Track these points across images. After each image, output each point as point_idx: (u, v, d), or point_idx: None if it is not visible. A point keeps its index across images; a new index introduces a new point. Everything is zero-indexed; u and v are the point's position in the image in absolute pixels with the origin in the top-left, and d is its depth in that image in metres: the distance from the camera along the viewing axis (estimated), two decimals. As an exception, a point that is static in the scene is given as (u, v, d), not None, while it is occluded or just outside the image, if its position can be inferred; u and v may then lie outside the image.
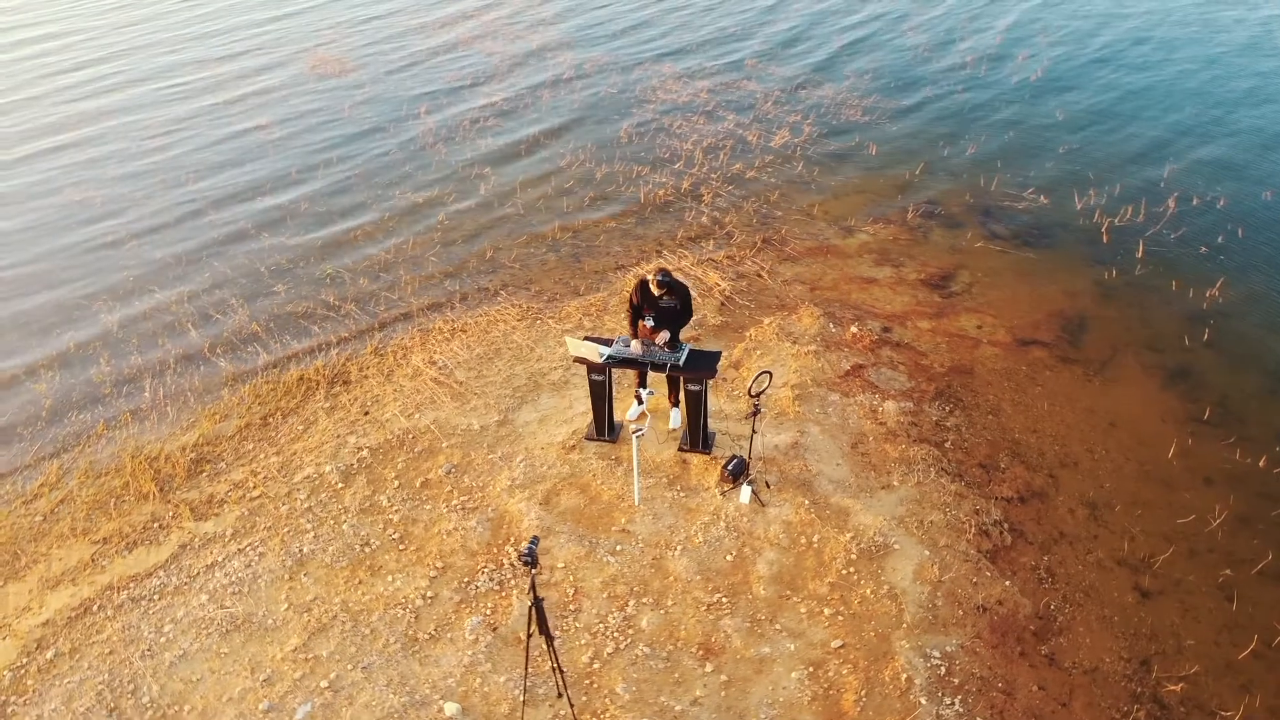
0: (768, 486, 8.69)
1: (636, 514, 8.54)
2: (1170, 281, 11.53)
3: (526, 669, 6.57)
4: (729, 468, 8.73)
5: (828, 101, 16.28)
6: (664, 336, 8.70)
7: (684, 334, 10.48)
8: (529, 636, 6.30)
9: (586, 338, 9.15)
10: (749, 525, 8.38)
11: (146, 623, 7.78)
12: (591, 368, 8.93)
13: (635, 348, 8.72)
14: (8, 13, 23.61)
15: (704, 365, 8.76)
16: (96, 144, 16.01)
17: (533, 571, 5.98)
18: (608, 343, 8.92)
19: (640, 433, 8.38)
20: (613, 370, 8.95)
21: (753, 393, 8.24)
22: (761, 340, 10.69)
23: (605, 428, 9.28)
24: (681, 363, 8.67)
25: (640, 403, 9.65)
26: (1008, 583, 7.92)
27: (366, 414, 9.94)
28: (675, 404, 9.57)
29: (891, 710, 6.87)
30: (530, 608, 6.13)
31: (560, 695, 6.98)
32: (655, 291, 8.68)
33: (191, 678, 7.32)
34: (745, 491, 8.58)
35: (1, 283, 12.60)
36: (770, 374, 8.44)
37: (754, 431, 8.62)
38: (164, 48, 20.22)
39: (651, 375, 8.98)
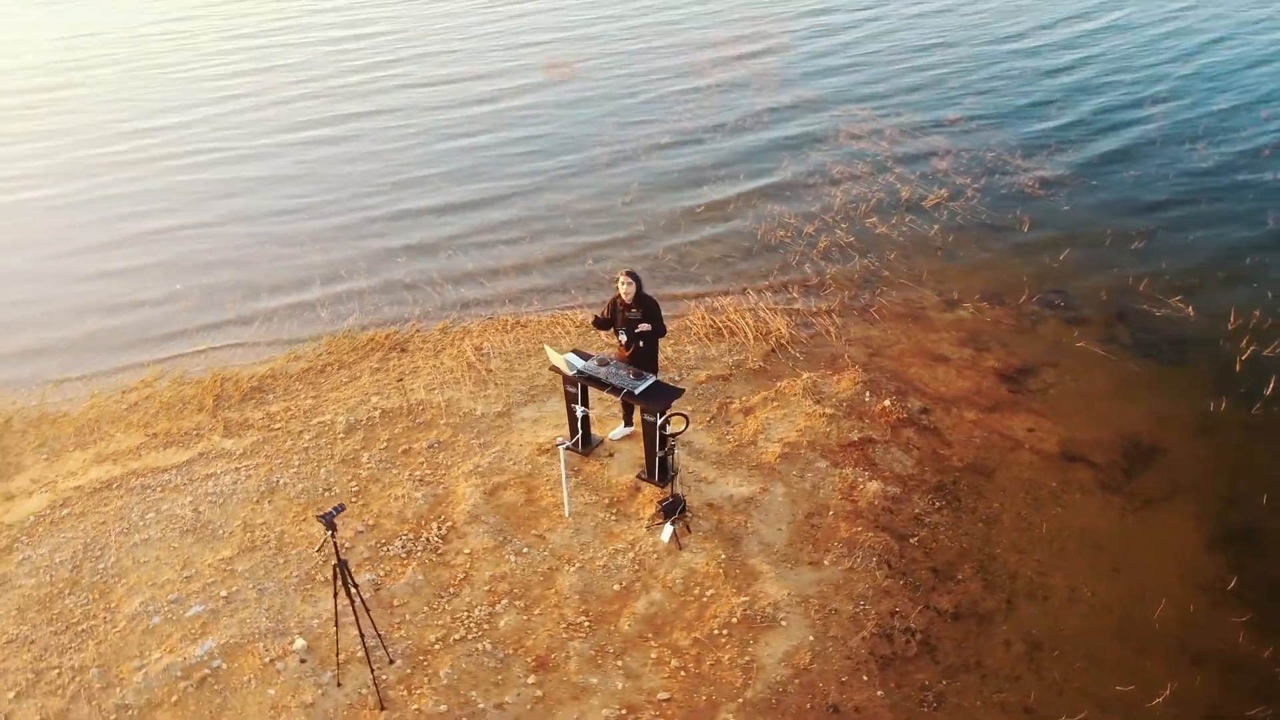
0: (688, 531, 8.64)
1: (561, 524, 8.83)
2: (1288, 429, 9.86)
3: (337, 627, 7.17)
4: (663, 504, 8.77)
5: (1010, 169, 15.26)
6: (632, 375, 8.88)
7: (712, 370, 10.58)
8: (335, 595, 6.89)
9: (574, 350, 9.54)
10: (654, 563, 8.41)
11: (138, 507, 9.25)
12: (566, 379, 9.32)
13: (595, 369, 8.99)
14: (340, 11, 27.47)
15: (661, 398, 8.85)
16: (341, 139, 17.95)
17: (329, 534, 6.56)
18: (588, 358, 9.27)
19: (565, 445, 8.68)
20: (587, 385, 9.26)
21: (665, 430, 8.25)
22: (785, 393, 10.48)
23: (579, 439, 9.61)
24: (638, 391, 8.82)
25: (628, 424, 9.91)
26: (880, 693, 7.38)
27: (400, 381, 10.96)
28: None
29: (670, 774, 6.74)
30: (334, 567, 6.72)
31: (391, 662, 7.52)
32: (623, 294, 8.89)
33: (140, 560, 8.64)
34: (667, 530, 8.60)
35: (212, 230, 15.06)
36: (687, 419, 8.39)
37: (674, 472, 8.61)
38: (447, 54, 22.47)
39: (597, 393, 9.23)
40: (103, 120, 19.00)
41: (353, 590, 6.84)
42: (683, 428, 8.38)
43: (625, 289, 9.01)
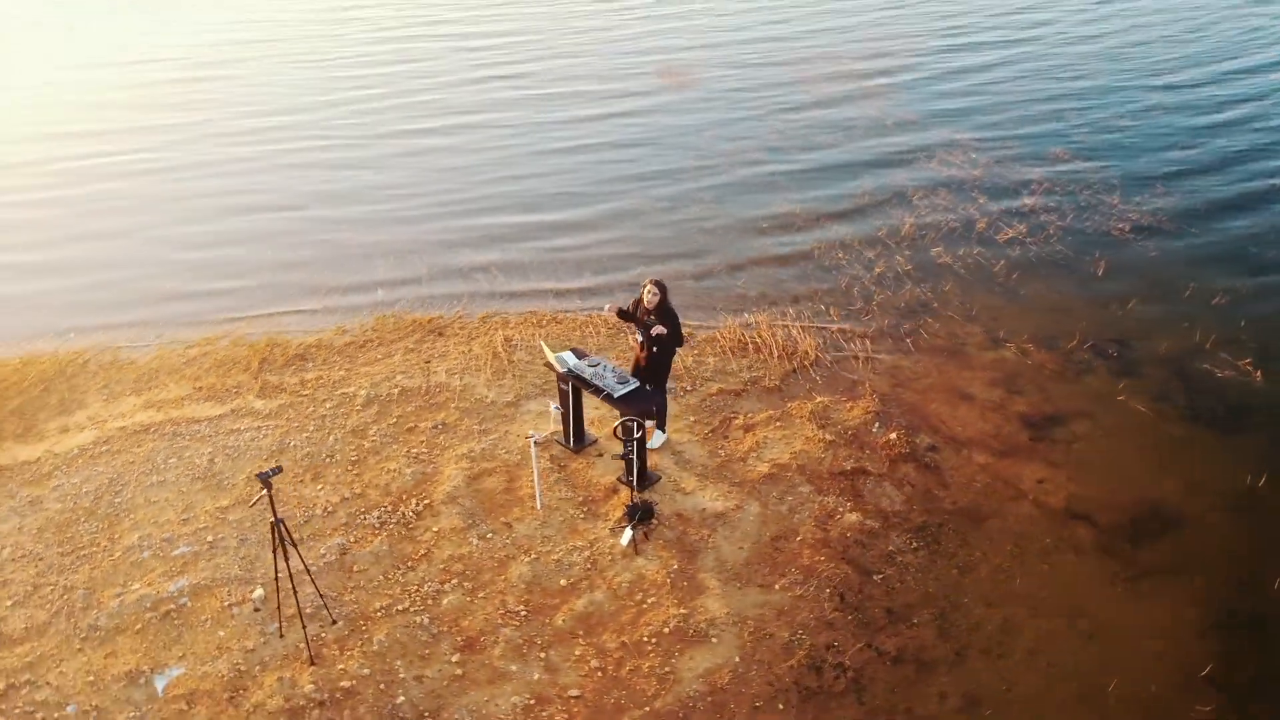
0: (645, 538, 8.71)
1: (530, 516, 9.07)
2: (1335, 514, 8.99)
3: (277, 580, 7.64)
4: (629, 508, 8.87)
5: (1103, 210, 14.45)
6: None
7: (726, 384, 10.61)
8: (274, 551, 7.36)
9: (572, 349, 9.77)
10: (607, 563, 8.53)
11: (165, 452, 10.09)
12: (558, 376, 9.55)
13: (583, 368, 9.19)
14: (487, 16, 28.60)
15: (639, 404, 8.95)
16: (447, 141, 18.39)
17: (265, 492, 7.01)
18: (584, 356, 9.49)
19: (536, 438, 8.91)
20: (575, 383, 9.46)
21: (618, 434, 8.34)
22: (791, 415, 10.36)
23: (568, 434, 9.83)
24: (616, 395, 8.96)
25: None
26: (792, 724, 7.25)
27: (428, 363, 11.47)
28: (659, 428, 9.84)
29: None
30: (271, 525, 7.19)
31: (334, 622, 7.95)
32: (646, 301, 9.05)
33: (152, 499, 9.44)
34: (626, 534, 8.69)
35: (305, 217, 16.09)
36: (635, 426, 8.45)
37: (632, 478, 8.68)
38: (574, 62, 22.85)
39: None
40: (237, 108, 20.54)
41: (288, 548, 7.28)
42: (637, 434, 8.44)
43: (649, 297, 9.15)
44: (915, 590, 8.38)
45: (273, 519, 7.18)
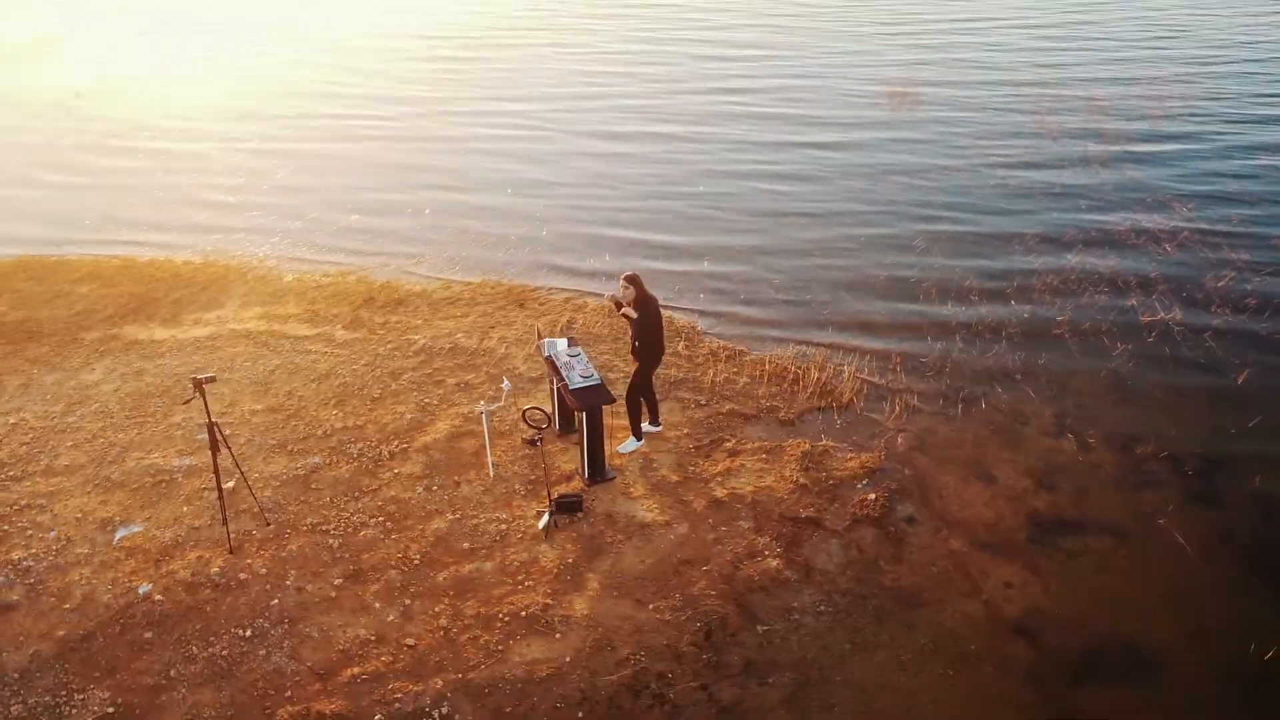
0: (556, 526, 8.98)
1: (480, 481, 9.65)
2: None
3: (218, 487, 8.80)
4: (558, 496, 9.18)
5: (1298, 311, 12.24)
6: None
7: (741, 406, 10.57)
8: (212, 449, 8.54)
9: (568, 338, 10.17)
10: (514, 540, 8.92)
11: (245, 355, 11.81)
12: (546, 361, 10.03)
13: (561, 356, 9.60)
14: (757, 26, 28.81)
15: (593, 397, 9.21)
16: (626, 154, 18.90)
17: (196, 395, 8.18)
18: (573, 344, 9.91)
19: (485, 410, 9.44)
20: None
21: (527, 419, 8.63)
22: (783, 451, 10.05)
23: (555, 417, 10.27)
24: (573, 386, 9.28)
25: (655, 424, 10.22)
26: (582, 735, 7.31)
27: (491, 328, 12.34)
28: (634, 434, 10.04)
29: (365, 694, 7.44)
30: (208, 426, 8.39)
31: (267, 524, 9.08)
32: (620, 296, 9.38)
33: (212, 391, 11.07)
34: (544, 519, 9.04)
35: (466, 202, 17.55)
36: (549, 417, 8.63)
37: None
38: (813, 89, 22.65)
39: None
40: (467, 95, 22.72)
41: (222, 450, 8.44)
42: (545, 425, 8.69)
43: (624, 295, 9.44)
44: (792, 652, 7.96)
45: (208, 421, 8.34)
